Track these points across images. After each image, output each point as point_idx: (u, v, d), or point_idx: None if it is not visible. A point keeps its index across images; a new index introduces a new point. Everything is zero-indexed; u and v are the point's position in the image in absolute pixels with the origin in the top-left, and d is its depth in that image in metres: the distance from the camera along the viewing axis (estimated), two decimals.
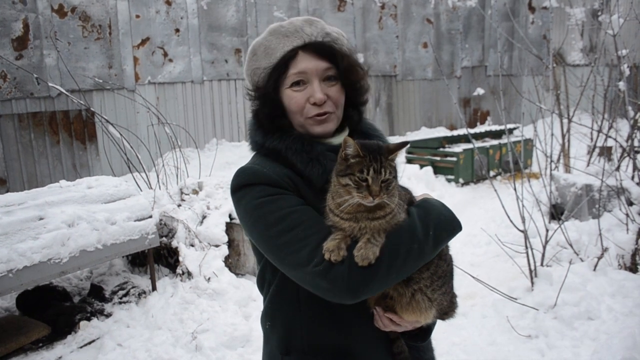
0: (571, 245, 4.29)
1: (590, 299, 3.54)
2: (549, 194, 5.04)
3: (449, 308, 1.29)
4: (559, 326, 3.42)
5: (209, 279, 3.99)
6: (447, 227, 1.21)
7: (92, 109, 5.95)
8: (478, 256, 5.10)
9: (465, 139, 8.87)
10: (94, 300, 3.93)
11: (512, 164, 4.56)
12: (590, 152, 6.09)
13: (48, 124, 7.00)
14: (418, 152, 8.69)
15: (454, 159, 8.12)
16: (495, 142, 8.89)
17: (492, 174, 8.61)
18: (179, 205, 4.57)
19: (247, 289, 4.01)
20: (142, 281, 4.17)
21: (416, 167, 7.84)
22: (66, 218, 3.40)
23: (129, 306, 3.88)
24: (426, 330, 1.34)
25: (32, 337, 3.38)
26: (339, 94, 1.31)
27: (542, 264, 4.12)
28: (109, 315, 3.77)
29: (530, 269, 3.92)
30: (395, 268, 1.13)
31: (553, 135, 5.17)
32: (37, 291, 3.73)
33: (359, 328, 1.29)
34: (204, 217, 4.50)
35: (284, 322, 1.32)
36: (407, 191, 1.30)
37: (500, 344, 3.41)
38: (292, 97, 1.28)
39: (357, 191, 1.11)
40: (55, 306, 3.71)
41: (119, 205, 3.83)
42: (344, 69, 1.30)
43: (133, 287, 4.03)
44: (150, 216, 3.96)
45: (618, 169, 4.51)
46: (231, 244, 4.54)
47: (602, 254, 3.94)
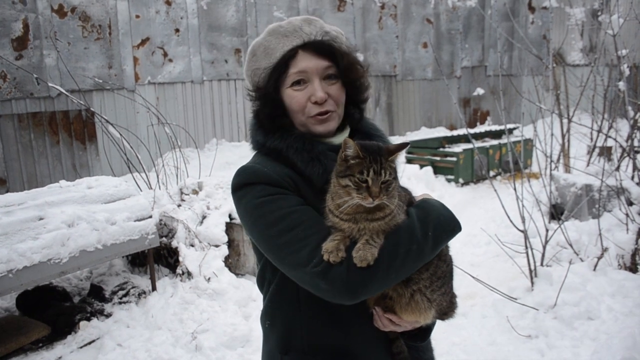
0: (571, 245, 4.29)
1: (590, 299, 3.54)
2: (548, 194, 5.04)
3: (448, 308, 1.29)
4: (559, 326, 3.42)
5: (209, 279, 3.99)
6: (446, 227, 1.21)
7: (92, 109, 5.95)
8: (478, 256, 5.10)
9: (465, 139, 8.87)
10: (94, 301, 3.93)
11: (512, 164, 4.56)
12: (590, 152, 6.09)
13: (48, 124, 7.00)
14: (418, 152, 8.68)
15: (454, 159, 8.11)
16: (495, 142, 8.90)
17: (492, 174, 8.61)
18: (179, 206, 4.57)
19: (247, 289, 4.01)
20: (142, 281, 4.17)
21: (416, 167, 7.83)
22: (66, 218, 3.40)
23: (128, 306, 3.88)
24: (425, 330, 1.34)
25: (32, 337, 3.38)
26: (340, 92, 1.31)
27: (542, 264, 4.13)
28: (109, 316, 3.77)
29: (530, 269, 3.92)
30: (394, 269, 1.13)
31: (553, 135, 5.16)
32: (37, 291, 3.73)
33: (359, 328, 1.29)
34: (204, 217, 4.50)
35: (283, 322, 1.32)
36: (407, 192, 1.30)
37: (500, 344, 3.41)
38: (293, 97, 1.28)
39: (357, 192, 1.11)
40: (55, 306, 3.72)
41: (118, 205, 3.83)
42: (344, 67, 1.30)
43: (133, 287, 4.03)
44: (150, 216, 3.97)
45: (618, 169, 4.51)
46: (231, 244, 4.54)
47: (602, 254, 3.94)
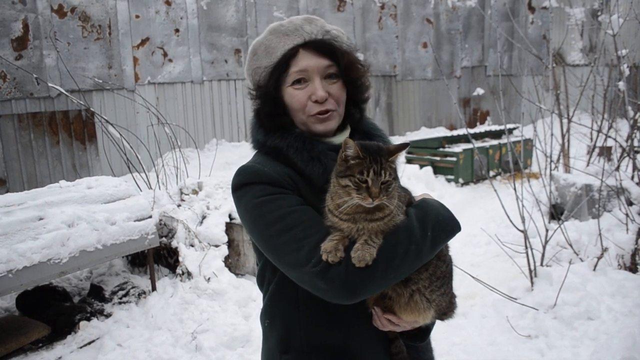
0: (571, 245, 4.30)
1: (590, 299, 3.54)
2: (548, 194, 5.04)
3: (447, 309, 1.29)
4: (558, 326, 3.42)
5: (209, 279, 3.99)
6: (445, 227, 1.21)
7: (91, 109, 5.95)
8: (478, 256, 5.10)
9: (465, 139, 8.87)
10: (94, 301, 3.93)
11: (511, 164, 4.56)
12: (590, 152, 6.09)
13: (48, 124, 7.00)
14: (418, 152, 8.68)
15: (454, 159, 8.11)
16: (495, 142, 8.90)
17: (491, 174, 8.61)
18: (179, 206, 4.57)
19: (247, 289, 4.01)
20: (142, 281, 4.17)
21: (416, 167, 7.84)
22: (66, 218, 3.40)
23: (128, 306, 3.88)
24: (425, 330, 1.34)
25: (32, 337, 3.38)
26: (341, 92, 1.31)
27: (542, 264, 4.13)
28: (108, 316, 3.77)
29: (530, 269, 3.92)
30: (392, 269, 1.13)
31: (553, 135, 5.17)
32: (37, 291, 3.73)
33: (358, 328, 1.29)
34: (204, 217, 4.50)
35: (283, 321, 1.32)
36: (406, 192, 1.30)
37: (500, 344, 3.41)
38: (293, 95, 1.28)
39: (357, 192, 1.11)
40: (55, 306, 3.71)
41: (118, 205, 3.83)
42: (345, 66, 1.30)
43: (133, 287, 4.03)
44: (150, 216, 3.97)
45: (618, 169, 4.51)
46: (231, 244, 4.54)
47: (602, 254, 3.94)
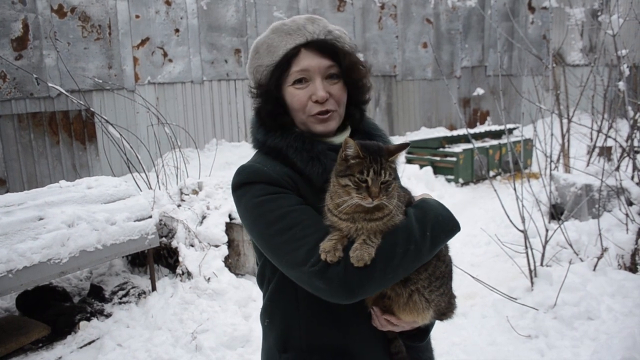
0: (571, 245, 4.30)
1: (590, 299, 3.54)
2: (548, 194, 5.04)
3: (447, 309, 1.29)
4: (558, 326, 3.42)
5: (209, 279, 3.99)
6: (444, 227, 1.21)
7: (91, 109, 5.95)
8: (478, 256, 5.09)
9: (465, 139, 8.87)
10: (94, 301, 3.93)
11: (511, 164, 4.56)
12: (590, 152, 6.09)
13: (48, 124, 7.00)
14: (418, 152, 8.68)
15: (454, 159, 8.12)
16: (495, 142, 8.90)
17: (491, 174, 8.61)
18: (179, 206, 4.57)
19: (247, 289, 4.01)
20: (142, 281, 4.17)
21: (416, 167, 7.84)
22: (66, 218, 3.40)
23: (128, 306, 3.88)
24: (424, 330, 1.34)
25: (32, 337, 3.38)
26: (341, 92, 1.31)
27: (541, 264, 4.13)
28: (108, 316, 3.77)
29: (530, 269, 3.92)
30: (391, 269, 1.13)
31: (553, 135, 5.17)
32: (37, 291, 3.73)
33: (357, 327, 1.29)
34: (204, 218, 4.50)
35: (282, 320, 1.32)
36: (406, 192, 1.30)
37: (500, 344, 3.41)
38: (294, 95, 1.28)
39: (357, 192, 1.11)
40: (55, 306, 3.71)
41: (118, 205, 3.83)
42: (346, 67, 1.30)
43: (133, 288, 4.03)
44: (150, 216, 3.96)
45: (618, 169, 4.52)
46: (231, 244, 4.54)
47: (602, 254, 3.94)
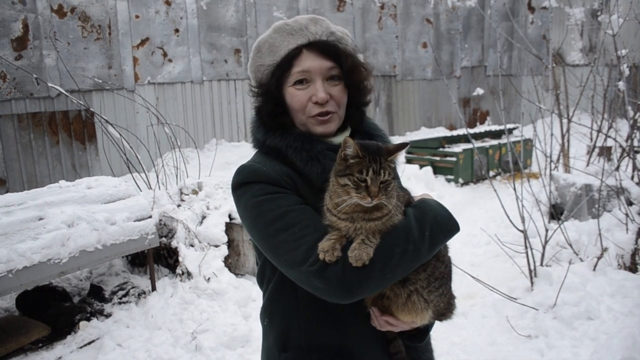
0: (571, 245, 4.30)
1: (590, 298, 3.54)
2: (548, 194, 5.05)
3: (446, 310, 1.29)
4: (558, 326, 3.42)
5: (209, 279, 3.99)
6: (443, 227, 1.21)
7: (91, 109, 5.95)
8: (478, 256, 5.10)
9: (465, 139, 8.87)
10: (94, 301, 3.93)
11: (511, 164, 4.57)
12: (590, 152, 6.09)
13: (47, 124, 7.00)
14: (418, 152, 8.68)
15: (454, 159, 8.12)
16: (494, 142, 8.90)
17: (491, 174, 8.61)
18: (179, 206, 4.57)
19: (247, 289, 4.01)
20: (141, 281, 4.17)
21: (416, 167, 7.84)
22: (66, 218, 3.40)
23: (128, 306, 3.88)
24: (423, 331, 1.34)
25: (32, 337, 3.38)
26: (342, 94, 1.31)
27: (541, 264, 4.13)
28: (108, 316, 3.77)
29: (530, 269, 3.92)
30: (390, 269, 1.13)
31: (553, 135, 5.17)
32: (37, 291, 3.73)
33: (356, 327, 1.29)
34: (204, 218, 4.50)
35: (282, 319, 1.32)
36: (406, 192, 1.30)
37: (500, 344, 3.41)
38: (294, 96, 1.28)
39: (356, 192, 1.11)
40: (55, 306, 3.71)
41: (118, 205, 3.83)
42: (348, 68, 1.30)
43: (133, 288, 4.03)
44: (150, 216, 3.96)
45: (617, 169, 4.52)
46: (231, 244, 4.54)
47: (602, 254, 3.94)
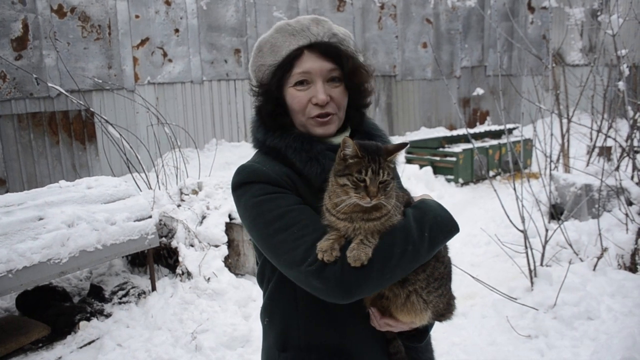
0: (571, 245, 4.30)
1: (590, 298, 3.54)
2: (548, 194, 5.05)
3: (445, 310, 1.29)
4: (558, 326, 3.42)
5: (209, 279, 3.99)
6: (443, 228, 1.21)
7: (91, 109, 5.95)
8: (478, 256, 5.10)
9: (465, 139, 8.87)
10: (94, 301, 3.93)
11: (511, 164, 4.57)
12: (590, 152, 6.09)
13: (47, 124, 7.00)
14: (417, 152, 8.68)
15: (454, 159, 8.11)
16: (494, 142, 8.90)
17: (491, 174, 8.61)
18: (179, 206, 4.57)
19: (247, 289, 4.01)
20: (141, 281, 4.17)
21: (416, 167, 7.84)
22: (66, 218, 3.40)
23: (128, 306, 3.88)
24: (423, 331, 1.34)
25: (32, 337, 3.38)
26: (342, 96, 1.31)
27: (541, 264, 4.13)
28: (108, 316, 3.77)
29: (529, 269, 3.92)
30: (388, 269, 1.13)
31: (552, 135, 5.17)
32: (37, 291, 3.73)
33: (355, 327, 1.29)
34: (204, 218, 4.50)
35: (281, 319, 1.33)
36: (405, 192, 1.30)
37: (500, 344, 3.41)
38: (294, 96, 1.28)
39: (355, 192, 1.11)
40: (55, 306, 3.71)
41: (118, 205, 3.83)
42: (349, 70, 1.29)
43: (133, 288, 4.03)
44: (150, 216, 3.96)
45: (617, 169, 4.52)
46: (231, 244, 4.54)
47: (602, 254, 3.94)
